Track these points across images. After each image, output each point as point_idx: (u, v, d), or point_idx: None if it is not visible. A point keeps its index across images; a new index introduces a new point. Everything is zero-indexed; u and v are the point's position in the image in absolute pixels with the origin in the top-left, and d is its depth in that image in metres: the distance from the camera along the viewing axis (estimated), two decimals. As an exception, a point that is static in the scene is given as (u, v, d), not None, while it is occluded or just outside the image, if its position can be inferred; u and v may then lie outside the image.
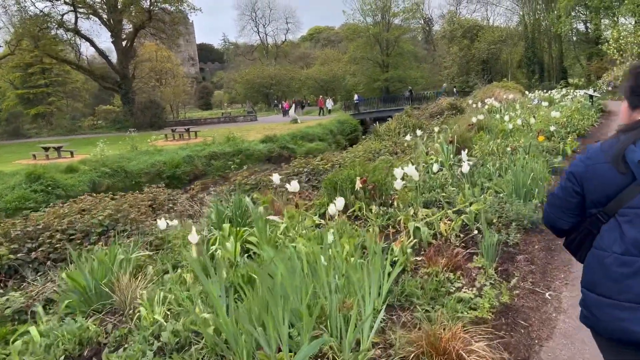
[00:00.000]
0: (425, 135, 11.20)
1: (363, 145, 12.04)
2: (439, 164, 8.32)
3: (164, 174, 21.33)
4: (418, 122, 12.44)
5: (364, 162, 6.76)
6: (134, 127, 41.50)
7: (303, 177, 8.36)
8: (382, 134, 12.39)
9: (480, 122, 10.30)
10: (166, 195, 6.97)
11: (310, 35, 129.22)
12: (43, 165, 21.48)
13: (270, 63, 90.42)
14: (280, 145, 27.62)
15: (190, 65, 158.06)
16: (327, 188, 5.65)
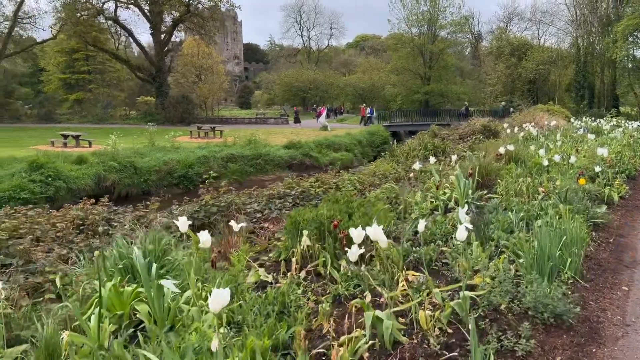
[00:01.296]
0: (446, 162, 9.73)
1: (374, 165, 10.65)
2: (453, 202, 6.89)
3: (175, 173, 20.42)
4: (442, 144, 10.95)
5: (351, 194, 5.38)
6: (164, 120, 41.26)
7: (289, 200, 7.06)
8: (399, 155, 10.97)
9: (511, 153, 8.75)
10: (105, 214, 5.77)
11: (356, 43, 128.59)
12: (55, 153, 20.91)
13: (311, 67, 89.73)
14: (303, 153, 26.39)
15: (235, 63, 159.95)
16: (290, 230, 4.34)
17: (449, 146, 11.18)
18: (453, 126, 16.95)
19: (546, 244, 3.79)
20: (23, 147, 24.39)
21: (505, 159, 8.95)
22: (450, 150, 10.86)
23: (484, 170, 7.95)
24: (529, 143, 10.68)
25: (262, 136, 34.25)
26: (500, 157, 8.50)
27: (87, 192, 17.36)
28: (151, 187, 19.63)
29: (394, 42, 67.42)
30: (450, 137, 14.24)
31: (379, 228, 3.30)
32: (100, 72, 56.22)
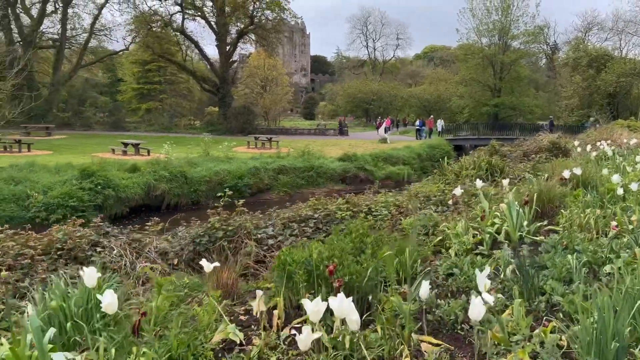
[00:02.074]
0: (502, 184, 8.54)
1: (419, 185, 9.61)
2: (504, 235, 5.80)
3: (225, 184, 20.14)
4: (500, 162, 9.73)
5: (363, 224, 4.47)
6: (225, 131, 41.85)
7: (310, 224, 6.24)
8: (449, 173, 9.87)
9: (578, 177, 7.47)
10: (94, 236, 5.19)
11: (425, 54, 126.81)
12: (113, 160, 21.36)
13: (375, 78, 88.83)
14: (357, 166, 25.54)
15: (302, 75, 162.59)
16: (279, 272, 3.53)
17: (509, 165, 9.94)
18: (517, 142, 15.44)
19: (609, 313, 2.73)
20: (86, 154, 25.19)
21: (572, 184, 7.68)
22: (509, 170, 9.62)
23: (544, 196, 6.77)
24: (603, 164, 9.26)
25: (319, 147, 33.74)
26: (564, 182, 7.26)
27: (137, 201, 17.48)
28: (201, 198, 19.48)
29: (463, 53, 65.10)
30: (513, 155, 12.86)
31: (347, 300, 2.42)
32: (171, 82, 58.36)
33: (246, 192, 20.55)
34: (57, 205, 14.64)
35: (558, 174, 8.45)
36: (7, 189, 14.57)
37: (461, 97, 65.34)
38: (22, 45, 43.49)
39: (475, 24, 61.40)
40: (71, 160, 21.14)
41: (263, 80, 71.68)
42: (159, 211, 18.31)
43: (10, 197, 14.34)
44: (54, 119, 41.94)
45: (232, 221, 5.87)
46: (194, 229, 5.69)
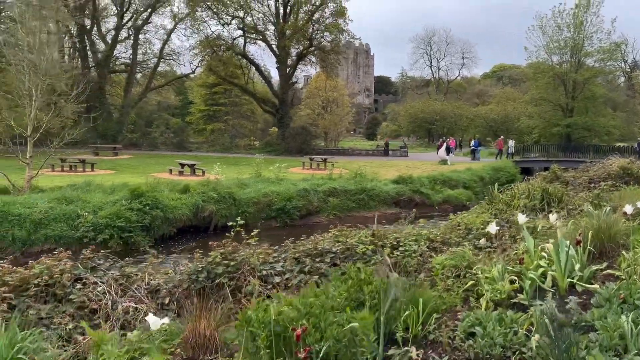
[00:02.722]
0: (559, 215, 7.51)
1: (464, 215, 8.70)
2: (550, 281, 4.92)
3: (273, 206, 19.88)
4: (559, 190, 8.64)
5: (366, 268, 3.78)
6: (284, 151, 42.11)
7: (327, 260, 5.59)
8: (499, 202, 8.89)
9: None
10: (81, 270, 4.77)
11: (494, 72, 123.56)
12: (168, 180, 21.68)
13: (439, 98, 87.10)
14: (412, 189, 24.55)
15: (366, 96, 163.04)
16: (239, 332, 2.92)
17: (568, 194, 8.80)
18: (582, 167, 13.97)
19: None
20: (145, 174, 25.89)
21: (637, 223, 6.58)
22: (569, 199, 8.51)
23: (604, 233, 5.77)
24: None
25: (375, 169, 33.03)
26: (627, 217, 6.19)
27: (184, 222, 17.49)
28: (248, 220, 19.23)
29: (532, 71, 62.31)
30: (577, 181, 11.53)
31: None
32: (235, 104, 60.05)
33: (294, 214, 20.20)
34: (105, 225, 14.86)
35: (623, 206, 7.31)
36: (59, 208, 14.96)
37: (530, 117, 62.38)
38: (96, 70, 46.25)
39: (545, 42, 58.65)
40: (129, 180, 21.72)
41: (324, 101, 72.30)
42: (207, 232, 18.31)
43: (61, 216, 14.70)
44: (123, 139, 43.92)
45: (237, 255, 5.33)
46: (194, 264, 5.21)
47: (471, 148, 42.63)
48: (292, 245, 6.12)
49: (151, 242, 15.88)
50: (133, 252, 15.29)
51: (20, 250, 13.77)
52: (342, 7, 40.15)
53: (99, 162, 30.57)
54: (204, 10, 40.56)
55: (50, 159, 26.35)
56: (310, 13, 41.93)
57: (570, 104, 57.51)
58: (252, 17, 43.09)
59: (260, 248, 5.98)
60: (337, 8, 40.08)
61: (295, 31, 41.10)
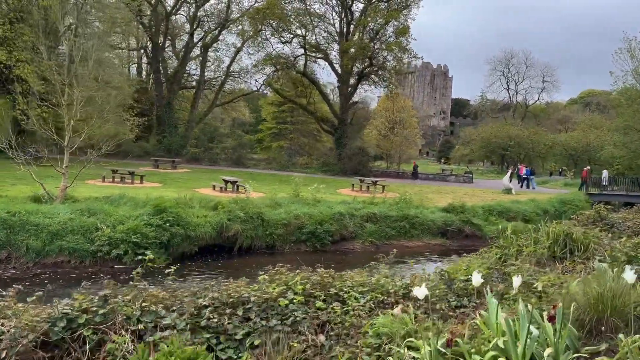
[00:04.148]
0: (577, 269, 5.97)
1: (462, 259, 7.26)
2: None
3: (304, 229, 18.91)
4: (585, 236, 6.94)
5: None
6: (339, 171, 41.21)
7: (238, 313, 4.45)
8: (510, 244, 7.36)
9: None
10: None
11: (581, 98, 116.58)
12: (204, 196, 21.38)
13: (516, 122, 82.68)
14: (462, 219, 22.65)
15: (441, 118, 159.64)
16: None
17: (600, 242, 7.06)
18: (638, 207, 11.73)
19: None
20: (190, 188, 25.90)
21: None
22: (600, 248, 6.83)
23: (605, 303, 4.28)
24: None
25: (430, 194, 31.26)
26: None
27: (207, 240, 16.93)
28: (276, 242, 18.44)
29: (618, 97, 57.51)
30: (626, 224, 9.53)
31: None
32: (300, 123, 60.27)
33: (326, 239, 19.10)
34: (121, 240, 14.57)
35: None
36: (79, 220, 14.88)
37: (615, 147, 57.38)
38: (166, 86, 48.01)
39: (633, 66, 53.91)
40: (170, 194, 21.61)
41: (391, 121, 70.85)
42: (231, 252, 17.66)
43: (79, 228, 14.59)
44: (187, 153, 45.02)
45: (112, 299, 4.37)
46: (60, 306, 4.29)
47: (523, 176, 39.34)
48: (201, 292, 5.02)
49: (169, 260, 15.46)
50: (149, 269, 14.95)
51: (34, 260, 13.73)
52: (405, 26, 38.91)
53: (151, 174, 31.16)
54: (266, 29, 40.87)
55: (103, 170, 27.25)
56: (374, 32, 41.09)
57: (660, 134, 52.26)
58: (315, 34, 42.92)
59: (162, 291, 4.97)
60: (400, 26, 38.89)
61: (359, 50, 40.36)
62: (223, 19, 48.08)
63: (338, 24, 42.71)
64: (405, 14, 39.92)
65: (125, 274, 14.17)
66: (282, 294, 4.69)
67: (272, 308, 4.54)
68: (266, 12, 37.55)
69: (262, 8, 38.78)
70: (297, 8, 40.88)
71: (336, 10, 42.87)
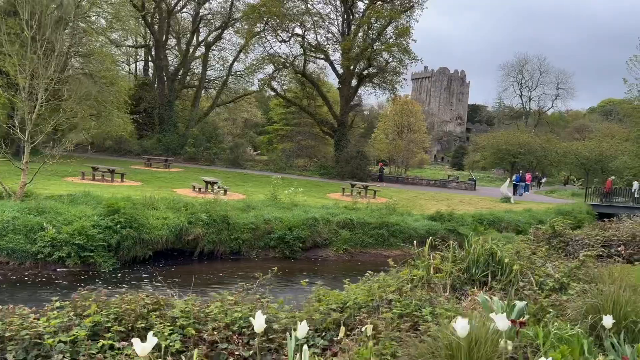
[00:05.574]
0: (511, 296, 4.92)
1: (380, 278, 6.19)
2: None
3: (273, 234, 17.92)
4: (511, 258, 5.79)
5: None
6: (336, 174, 40.15)
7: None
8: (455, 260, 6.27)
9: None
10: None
11: (600, 107, 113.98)
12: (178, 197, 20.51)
13: (529, 130, 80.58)
14: (448, 227, 21.48)
15: (457, 124, 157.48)
16: None
17: (533, 264, 5.89)
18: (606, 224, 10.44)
19: None
20: (169, 188, 25.11)
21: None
22: (525, 272, 5.68)
23: (462, 355, 3.22)
24: None
25: (424, 201, 30.11)
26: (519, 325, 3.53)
27: (164, 244, 16.02)
28: (242, 247, 17.47)
29: (630, 106, 55.60)
30: (585, 242, 8.29)
31: None
32: (307, 125, 59.16)
33: (296, 245, 18.07)
34: (65, 241, 13.73)
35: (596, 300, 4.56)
36: (24, 219, 14.11)
37: (629, 157, 55.46)
38: (166, 84, 47.45)
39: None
40: (146, 193, 20.73)
41: (399, 125, 69.53)
42: (191, 257, 16.75)
43: (21, 228, 13.81)
44: (185, 153, 44.37)
45: None
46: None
47: (513, 183, 37.65)
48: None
49: (117, 265, 14.62)
50: (93, 273, 14.09)
51: (-31, 260, 12.98)
52: (406, 27, 37.66)
53: (137, 173, 30.51)
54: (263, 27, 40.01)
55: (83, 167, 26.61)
56: (376, 33, 39.98)
57: (674, 144, 50.26)
58: (316, 34, 41.96)
59: None
60: (401, 27, 37.66)
61: (359, 50, 39.29)
62: (226, 17, 47.43)
63: (339, 24, 41.74)
64: (408, 14, 38.78)
65: (67, 278, 13.35)
66: (67, 328, 3.70)
67: (37, 348, 3.53)
68: (262, 10, 36.71)
69: (259, 5, 37.96)
70: (296, 7, 40.00)
71: (337, 9, 41.91)
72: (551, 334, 3.77)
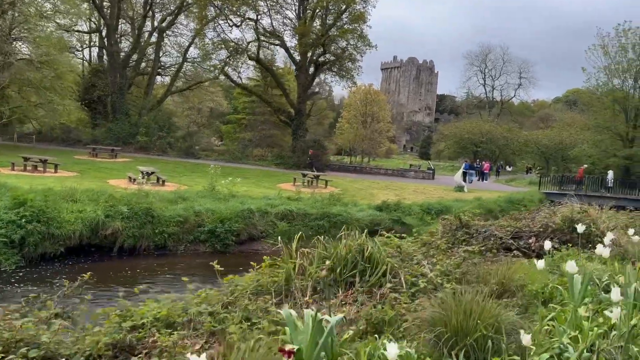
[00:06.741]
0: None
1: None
2: None
3: (204, 227, 16.88)
4: (382, 254, 5.00)
5: None
6: (293, 164, 39.17)
7: None
8: (332, 258, 5.44)
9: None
10: None
11: (566, 97, 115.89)
12: (115, 188, 19.26)
13: (492, 119, 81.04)
14: (393, 217, 20.82)
15: (426, 114, 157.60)
16: None
17: (406, 261, 5.14)
18: (520, 215, 9.78)
19: None
20: (104, 179, 23.71)
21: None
22: (397, 271, 4.89)
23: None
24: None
25: (376, 190, 29.45)
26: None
27: (77, 239, 14.79)
28: (168, 242, 16.38)
29: (588, 95, 56.22)
30: (495, 234, 7.62)
31: None
32: (269, 114, 57.68)
33: (229, 239, 17.08)
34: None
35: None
36: None
37: (584, 145, 56.15)
38: (119, 71, 45.39)
39: (606, 63, 52.41)
40: (77, 185, 19.29)
41: (363, 115, 68.88)
42: (110, 254, 15.57)
43: None
44: (137, 142, 42.66)
45: None
46: None
47: (463, 171, 37.49)
48: None
49: (21, 263, 13.36)
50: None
51: None
52: (362, 12, 36.75)
53: (77, 164, 28.96)
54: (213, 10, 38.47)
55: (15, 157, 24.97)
56: (333, 18, 38.92)
57: (631, 134, 50.92)
58: (272, 19, 40.64)
59: None
60: (356, 12, 36.69)
61: (318, 36, 38.19)
62: (180, 1, 45.59)
63: (295, 8, 40.49)
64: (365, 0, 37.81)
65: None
66: None
67: None
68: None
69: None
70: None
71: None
72: (376, 355, 2.94)
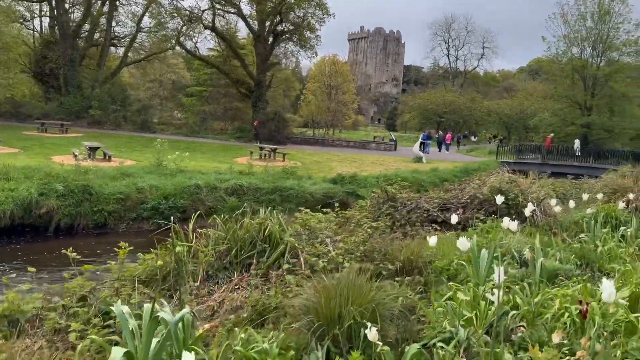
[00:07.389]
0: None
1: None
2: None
3: (146, 204, 16.23)
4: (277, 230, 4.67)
5: None
6: (252, 138, 38.38)
7: None
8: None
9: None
10: None
11: (529, 67, 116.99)
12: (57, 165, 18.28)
13: (456, 90, 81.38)
14: (347, 190, 20.55)
15: (394, 85, 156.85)
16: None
17: (302, 241, 4.79)
18: (458, 185, 9.62)
19: None
20: (49, 156, 22.63)
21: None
22: (293, 249, 4.52)
23: None
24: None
25: (334, 163, 29.12)
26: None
27: (7, 220, 13.97)
28: (109, 220, 15.69)
29: (548, 63, 56.71)
30: (422, 206, 7.34)
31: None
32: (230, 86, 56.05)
33: (175, 214, 16.45)
34: None
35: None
36: None
37: (544, 113, 56.94)
38: (69, 42, 43.21)
39: (565, 32, 52.80)
40: (16, 162, 18.28)
41: (327, 87, 67.97)
42: (46, 234, 14.82)
43: None
44: (89, 116, 41.03)
45: None
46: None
47: (420, 141, 37.78)
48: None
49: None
50: None
51: None
52: (317, -22, 35.78)
53: (21, 139, 27.59)
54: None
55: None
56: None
57: (589, 102, 51.78)
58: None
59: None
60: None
61: (275, 5, 37.02)
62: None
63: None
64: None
65: None
66: None
67: None
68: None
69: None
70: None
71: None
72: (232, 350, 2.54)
